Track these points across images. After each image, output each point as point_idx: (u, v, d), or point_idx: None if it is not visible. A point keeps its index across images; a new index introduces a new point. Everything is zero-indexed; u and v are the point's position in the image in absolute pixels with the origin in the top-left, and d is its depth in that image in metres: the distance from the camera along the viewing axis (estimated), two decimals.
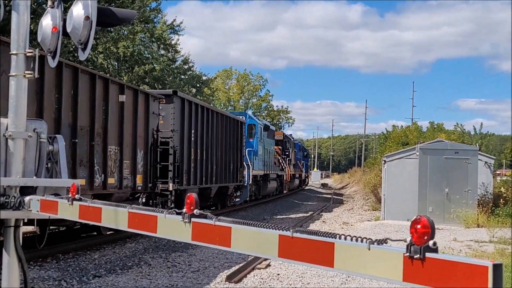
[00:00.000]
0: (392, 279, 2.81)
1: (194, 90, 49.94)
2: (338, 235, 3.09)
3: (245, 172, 33.50)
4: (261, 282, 12.15)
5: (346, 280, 12.60)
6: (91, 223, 4.93)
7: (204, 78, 52.69)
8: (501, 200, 25.23)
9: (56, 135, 6.42)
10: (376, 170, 43.93)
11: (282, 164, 47.68)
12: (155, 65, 46.30)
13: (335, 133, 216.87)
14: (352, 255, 2.98)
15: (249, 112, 71.92)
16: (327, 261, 3.09)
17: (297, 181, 58.22)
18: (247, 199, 35.74)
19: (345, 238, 3.05)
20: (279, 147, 47.46)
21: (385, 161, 27.08)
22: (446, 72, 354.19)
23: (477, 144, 30.40)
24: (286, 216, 30.50)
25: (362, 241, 2.95)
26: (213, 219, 3.75)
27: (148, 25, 44.64)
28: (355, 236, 3.01)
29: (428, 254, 2.69)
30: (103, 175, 15.87)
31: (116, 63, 46.49)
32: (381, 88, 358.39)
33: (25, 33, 6.02)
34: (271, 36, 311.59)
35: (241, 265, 13.78)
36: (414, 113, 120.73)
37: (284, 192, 51.33)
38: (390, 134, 60.19)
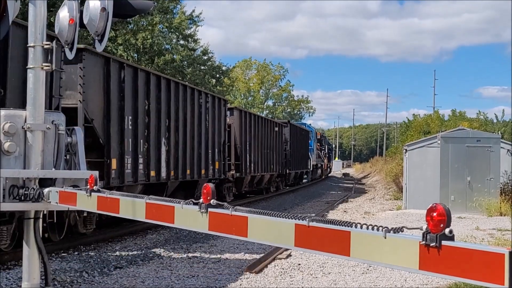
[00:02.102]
0: (409, 268, 2.79)
1: (214, 81, 49.92)
2: (354, 224, 3.08)
3: (309, 162, 53.24)
4: (281, 272, 12.15)
5: (368, 269, 12.56)
6: (110, 214, 4.95)
7: (223, 68, 52.64)
8: None
9: (75, 127, 6.45)
10: (398, 159, 43.69)
11: (322, 157, 65.63)
12: (174, 56, 46.35)
13: (356, 122, 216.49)
14: (369, 244, 2.96)
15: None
16: (344, 250, 3.08)
17: (319, 171, 66.81)
18: (310, 179, 55.91)
19: (361, 227, 3.03)
20: (318, 144, 62.16)
21: (406, 150, 26.95)
22: (468, 59, 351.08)
23: (499, 132, 30.07)
24: (307, 206, 30.49)
25: (378, 229, 2.93)
26: (230, 209, 3.75)
27: (167, 16, 44.70)
28: (371, 225, 3.00)
29: (444, 242, 2.66)
30: None
31: (136, 55, 46.60)
32: (402, 76, 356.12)
33: (42, 25, 6.04)
34: (291, 25, 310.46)
35: (261, 255, 13.79)
36: (436, 101, 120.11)
37: (323, 177, 69.20)
38: (412, 123, 59.82)
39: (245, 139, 29.56)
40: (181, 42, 48.66)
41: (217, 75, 51.22)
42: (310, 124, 68.71)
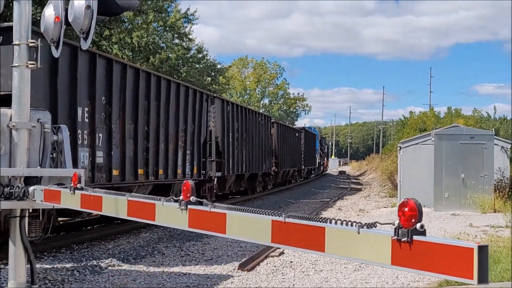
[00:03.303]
0: (382, 263, 2.80)
1: (209, 79, 49.88)
2: (328, 220, 3.08)
3: (316, 160, 64.00)
4: (273, 269, 12.16)
5: (360, 266, 12.57)
6: (93, 212, 4.95)
7: (219, 66, 52.60)
8: None
9: (61, 125, 6.45)
10: (393, 157, 43.74)
11: (322, 156, 75.82)
12: (170, 54, 46.32)
13: (353, 120, 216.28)
14: (343, 240, 2.97)
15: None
16: (319, 246, 3.08)
17: (321, 168, 76.79)
18: (315, 174, 67.06)
19: (336, 223, 3.04)
20: (320, 145, 71.00)
21: (400, 147, 26.98)
22: (464, 57, 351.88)
23: (493, 129, 30.09)
24: (302, 204, 30.50)
25: (352, 225, 2.93)
26: (209, 205, 3.76)
27: (162, 15, 44.67)
28: (345, 220, 3.00)
29: (415, 237, 2.67)
30: None
31: (131, 54, 46.55)
32: (398, 74, 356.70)
33: (27, 24, 6.04)
34: (287, 23, 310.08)
35: (254, 253, 13.80)
36: (432, 98, 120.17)
37: (323, 172, 79.14)
38: (408, 120, 59.94)
39: (279, 146, 40.86)
40: (176, 41, 48.63)
41: (212, 73, 51.19)
42: (314, 128, 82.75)
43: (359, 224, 2.90)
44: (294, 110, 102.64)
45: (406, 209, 2.70)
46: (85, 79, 14.40)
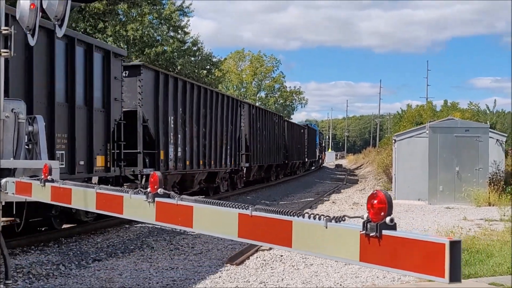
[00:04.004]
0: (350, 259, 2.62)
1: (204, 72, 49.65)
2: (296, 213, 2.90)
3: (316, 154, 69.90)
4: (263, 263, 11.99)
5: None
6: (63, 205, 4.76)
7: (214, 59, 52.34)
8: None
9: (36, 116, 6.25)
10: (388, 150, 43.56)
11: (321, 150, 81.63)
12: (165, 47, 46.10)
13: (350, 113, 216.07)
14: (310, 234, 2.79)
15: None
16: (286, 241, 2.90)
17: (319, 161, 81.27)
18: (315, 167, 71.80)
19: (303, 216, 2.85)
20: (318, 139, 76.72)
21: (395, 140, 26.80)
22: (461, 50, 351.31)
23: (487, 122, 29.85)
24: (296, 198, 30.36)
25: (319, 218, 2.75)
26: (176, 198, 3.57)
27: (157, 7, 44.44)
28: (312, 214, 2.81)
29: (385, 232, 2.49)
30: None
31: (125, 46, 46.29)
32: (395, 67, 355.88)
33: None
34: (283, 16, 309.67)
35: (245, 247, 13.63)
36: (429, 92, 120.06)
37: (323, 165, 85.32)
38: (404, 113, 59.91)
39: (289, 141, 47.51)
40: (171, 34, 48.40)
41: (208, 66, 50.97)
42: (314, 124, 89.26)
43: (327, 217, 2.72)
44: (290, 104, 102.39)
45: (375, 201, 2.51)
46: (173, 96, 21.18)
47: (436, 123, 26.06)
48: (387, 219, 2.49)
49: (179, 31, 48.64)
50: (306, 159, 59.77)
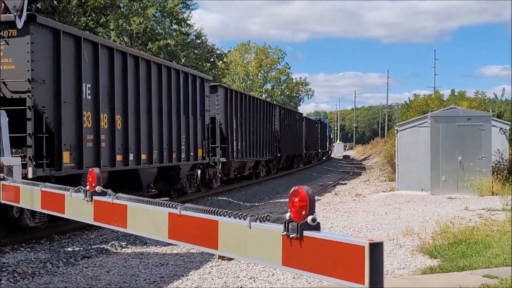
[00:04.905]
0: (272, 263, 2.38)
1: (208, 65, 49.40)
2: (222, 212, 2.66)
3: (327, 145, 76.08)
4: None
5: None
6: (12, 204, 4.54)
7: (218, 52, 52.05)
8: None
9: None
10: (393, 140, 43.24)
11: (330, 142, 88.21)
12: (168, 40, 45.88)
13: (359, 104, 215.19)
14: (236, 235, 2.56)
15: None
16: (212, 243, 2.67)
17: (329, 152, 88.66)
18: (326, 157, 77.59)
19: (229, 216, 2.62)
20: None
21: (397, 130, 26.47)
22: (469, 39, 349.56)
23: (495, 110, 29.35)
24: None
25: (244, 218, 2.52)
26: (111, 196, 3.35)
27: (159, 0, 44.27)
28: (237, 213, 2.58)
29: (306, 233, 2.25)
30: None
31: (129, 40, 46.12)
32: (403, 57, 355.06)
33: None
34: (290, 8, 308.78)
35: None
36: (438, 81, 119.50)
37: (331, 156, 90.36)
38: (412, 103, 59.54)
39: (308, 134, 55.99)
40: (175, 26, 48.19)
41: (211, 59, 50.72)
42: (325, 118, 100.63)
43: (251, 216, 2.49)
44: (297, 95, 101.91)
45: (296, 199, 2.28)
46: (235, 106, 29.71)
47: (438, 112, 25.71)
48: (309, 218, 2.25)
49: (183, 24, 48.43)
50: (320, 150, 68.99)
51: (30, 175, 12.59)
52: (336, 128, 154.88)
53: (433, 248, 12.12)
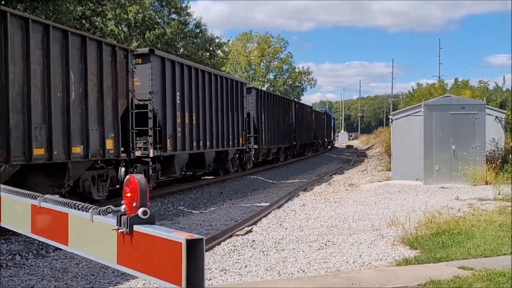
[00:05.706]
0: (108, 261, 2.14)
1: (207, 54, 49.10)
2: (73, 204, 2.42)
3: (332, 135, 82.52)
4: (232, 249, 11.56)
5: (325, 245, 11.95)
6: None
7: (217, 41, 51.66)
8: (511, 155, 24.14)
9: None
10: (390, 129, 42.97)
11: (334, 132, 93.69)
12: (165, 29, 45.61)
13: (365, 93, 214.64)
14: (82, 229, 2.31)
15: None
16: (63, 237, 2.43)
17: (333, 141, 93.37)
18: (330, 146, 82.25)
19: (78, 208, 2.37)
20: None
21: (391, 119, 26.18)
22: (475, 28, 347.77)
23: (484, 98, 28.89)
24: (297, 179, 29.95)
25: (87, 210, 2.27)
26: None
27: None
28: (85, 205, 2.33)
29: (136, 227, 2.00)
30: None
31: (127, 29, 45.87)
32: (410, 47, 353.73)
33: None
34: None
35: (218, 232, 13.20)
36: (445, 71, 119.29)
37: (335, 145, 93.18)
38: (415, 92, 59.22)
39: (316, 125, 61.33)
40: (173, 16, 47.90)
41: (211, 48, 50.40)
42: (330, 108, 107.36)
43: (94, 209, 2.24)
44: (299, 85, 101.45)
45: (128, 189, 2.03)
46: (262, 102, 35.43)
47: (432, 101, 25.39)
48: (140, 211, 2.01)
49: (182, 13, 48.12)
50: (326, 139, 74.84)
51: (151, 155, 19.39)
52: (341, 117, 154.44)
53: (414, 239, 11.86)
